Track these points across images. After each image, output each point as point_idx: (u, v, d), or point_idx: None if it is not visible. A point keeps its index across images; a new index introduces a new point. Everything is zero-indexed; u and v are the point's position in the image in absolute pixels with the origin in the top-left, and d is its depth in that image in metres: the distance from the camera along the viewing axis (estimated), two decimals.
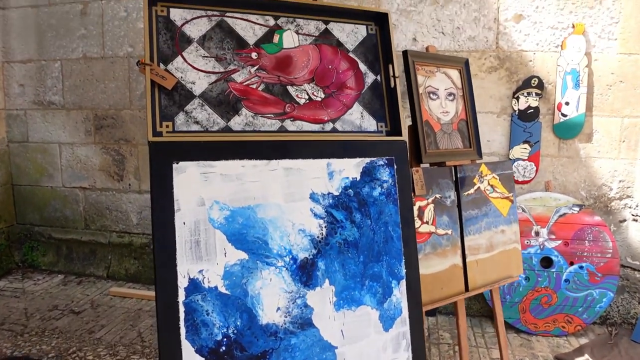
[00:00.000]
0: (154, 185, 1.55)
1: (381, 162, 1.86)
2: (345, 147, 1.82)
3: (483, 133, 4.03)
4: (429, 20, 3.96)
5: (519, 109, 3.96)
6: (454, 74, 2.41)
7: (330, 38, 1.94)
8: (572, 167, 4.05)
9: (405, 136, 2.19)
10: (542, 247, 3.95)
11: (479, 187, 2.39)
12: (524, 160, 4.02)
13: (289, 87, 1.83)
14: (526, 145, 4.00)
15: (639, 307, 4.04)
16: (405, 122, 1.96)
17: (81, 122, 4.78)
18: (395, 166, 1.88)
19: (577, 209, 3.98)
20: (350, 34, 1.97)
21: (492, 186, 2.44)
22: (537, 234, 3.98)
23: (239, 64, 1.78)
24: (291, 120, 1.81)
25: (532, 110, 3.96)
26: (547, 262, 3.96)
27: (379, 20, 1.99)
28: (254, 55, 1.80)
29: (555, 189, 4.07)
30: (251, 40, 1.81)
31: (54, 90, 4.83)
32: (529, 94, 3.94)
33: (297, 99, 1.84)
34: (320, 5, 1.95)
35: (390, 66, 1.94)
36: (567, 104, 3.92)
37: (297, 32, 1.88)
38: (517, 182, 4.06)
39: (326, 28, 1.94)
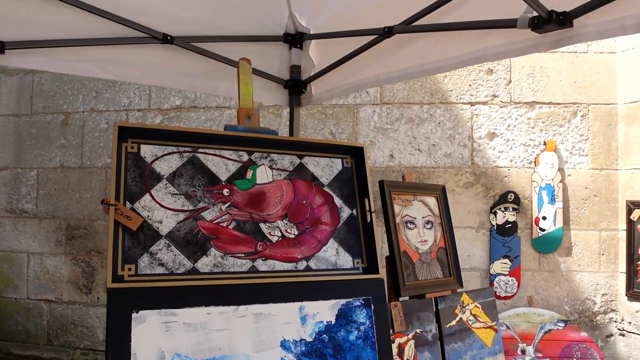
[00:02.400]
0: (110, 338, 1.43)
1: (357, 303, 1.77)
2: (320, 288, 1.74)
3: (462, 248, 3.99)
4: (406, 137, 4.03)
5: (497, 224, 3.96)
6: (431, 201, 2.40)
7: (305, 172, 1.91)
8: (553, 281, 4.00)
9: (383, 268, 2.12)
10: None
11: (461, 318, 2.29)
12: (505, 275, 3.95)
13: (262, 224, 1.78)
14: (506, 260, 3.95)
15: None
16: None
17: (52, 232, 4.64)
18: (372, 306, 1.79)
19: (562, 324, 3.87)
20: (325, 168, 1.95)
21: (474, 316, 2.35)
22: (523, 352, 3.83)
23: (210, 201, 1.73)
24: (263, 260, 1.73)
25: (510, 225, 3.95)
26: None
27: (354, 154, 1.99)
28: (225, 191, 1.76)
29: (539, 303, 3.98)
30: (223, 176, 1.78)
31: (27, 198, 4.74)
32: (506, 208, 3.95)
33: (270, 237, 1.77)
34: (295, 140, 1.95)
35: (366, 200, 1.90)
36: (544, 218, 3.93)
37: (271, 167, 1.86)
38: (499, 297, 3.97)
39: (301, 162, 1.92)
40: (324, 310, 1.72)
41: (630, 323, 3.94)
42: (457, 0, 1.75)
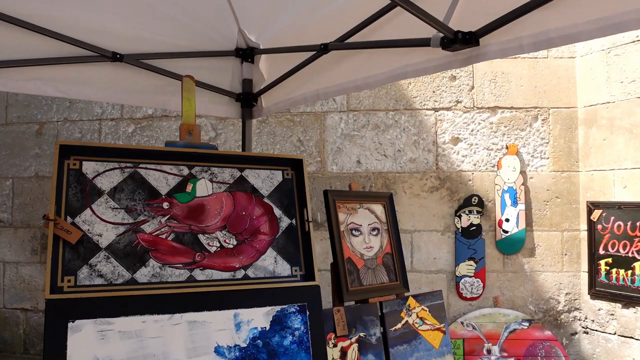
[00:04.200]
0: (47, 347, 1.51)
1: (293, 309, 1.86)
2: (255, 295, 1.82)
3: (429, 251, 4.08)
4: (372, 144, 4.12)
5: (461, 227, 4.05)
6: (378, 208, 2.48)
7: (245, 185, 1.99)
8: (518, 281, 4.09)
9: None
10: None
11: (407, 321, 2.37)
12: (470, 277, 4.05)
13: (200, 236, 1.86)
14: (471, 262, 4.05)
15: None
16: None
17: (28, 241, 4.71)
18: (308, 312, 1.87)
19: (526, 324, 3.97)
20: (265, 180, 2.03)
21: (421, 318, 2.43)
22: (488, 351, 3.93)
23: (150, 215, 1.81)
24: (200, 270, 1.81)
25: (474, 228, 4.05)
26: None
27: (295, 166, 2.07)
28: (165, 205, 1.84)
29: (504, 304, 4.07)
30: (164, 190, 1.86)
31: (2, 207, 4.80)
32: (470, 212, 4.05)
33: (208, 247, 1.85)
34: (236, 154, 2.03)
35: (305, 210, 1.98)
36: (507, 220, 4.03)
37: (211, 181, 1.94)
38: (465, 298, 4.06)
39: (241, 175, 2.00)
40: (259, 317, 1.80)
41: (593, 321, 4.04)
42: (382, 20, 1.84)
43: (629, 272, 3.77)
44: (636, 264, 3.73)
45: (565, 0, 1.35)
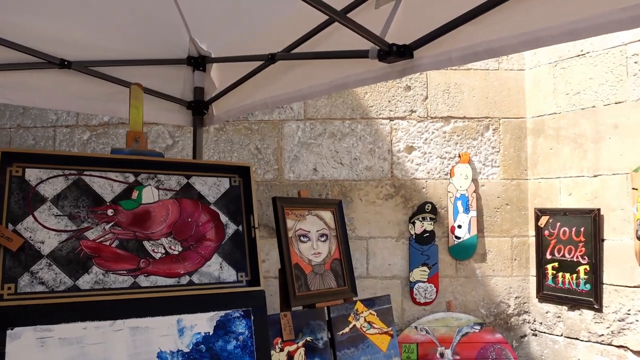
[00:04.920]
0: None
1: (237, 314, 1.89)
2: (199, 301, 1.84)
3: (384, 257, 4.16)
4: (328, 152, 4.18)
5: (415, 233, 4.14)
6: (327, 215, 2.54)
7: (192, 192, 2.02)
8: (470, 286, 4.20)
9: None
10: None
11: (354, 325, 2.43)
12: (424, 282, 4.14)
13: (145, 242, 1.87)
14: (425, 268, 4.14)
15: None
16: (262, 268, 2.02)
17: None
18: (252, 317, 1.91)
19: (478, 327, 4.08)
20: (212, 187, 2.06)
21: (369, 322, 2.49)
22: (441, 355, 4.01)
23: (94, 222, 1.82)
24: (145, 276, 1.83)
25: (428, 234, 4.14)
26: None
27: (242, 173, 2.10)
28: (109, 212, 1.85)
29: (457, 308, 4.17)
30: (108, 197, 1.87)
31: None
32: (424, 218, 4.14)
33: (153, 254, 1.87)
34: (183, 162, 2.05)
35: (252, 217, 2.02)
36: (459, 227, 4.14)
37: (157, 188, 1.96)
38: (419, 303, 4.15)
39: (188, 182, 2.02)
40: (203, 322, 1.83)
41: (541, 323, 4.17)
42: (326, 32, 1.90)
43: (574, 275, 3.92)
44: (580, 268, 3.88)
45: (490, 17, 1.43)
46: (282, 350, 2.14)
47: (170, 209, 1.95)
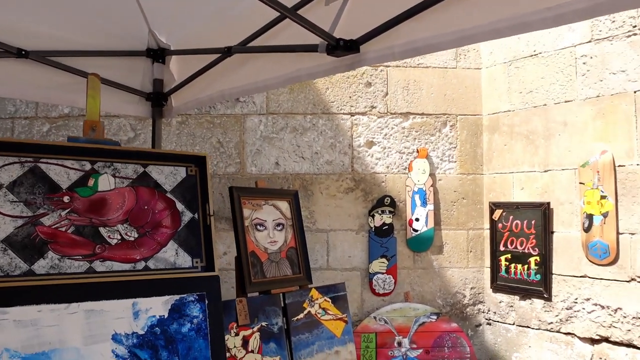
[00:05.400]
0: None
1: (191, 298, 1.95)
2: (154, 285, 1.90)
3: (344, 249, 4.25)
4: (290, 146, 4.26)
5: (375, 226, 4.25)
6: (284, 205, 2.61)
7: (148, 180, 2.07)
8: (427, 277, 4.33)
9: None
10: (405, 357, 4.10)
11: (309, 311, 2.51)
12: (383, 273, 4.25)
13: (101, 229, 1.91)
14: (384, 260, 4.25)
15: None
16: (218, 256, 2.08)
17: None
18: (206, 301, 1.97)
19: (435, 317, 4.22)
20: (169, 176, 2.11)
21: (324, 309, 2.57)
22: (399, 344, 4.14)
23: (50, 208, 1.85)
24: (101, 261, 1.87)
25: (387, 227, 4.26)
26: None
27: (198, 163, 2.16)
28: (65, 199, 1.88)
29: (414, 299, 4.30)
30: (64, 184, 1.90)
31: None
32: (383, 211, 4.25)
33: (109, 240, 1.91)
34: (139, 151, 2.09)
35: (207, 205, 2.08)
36: (417, 220, 4.26)
37: (114, 176, 2.00)
38: (378, 294, 4.26)
39: (144, 171, 2.07)
40: (158, 306, 1.88)
41: (495, 313, 4.33)
42: (280, 26, 1.98)
43: (525, 266, 4.09)
44: (531, 259, 4.05)
45: (428, 15, 1.52)
46: (237, 334, 2.21)
47: (127, 197, 2.00)
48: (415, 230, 4.26)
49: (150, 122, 4.14)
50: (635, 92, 3.62)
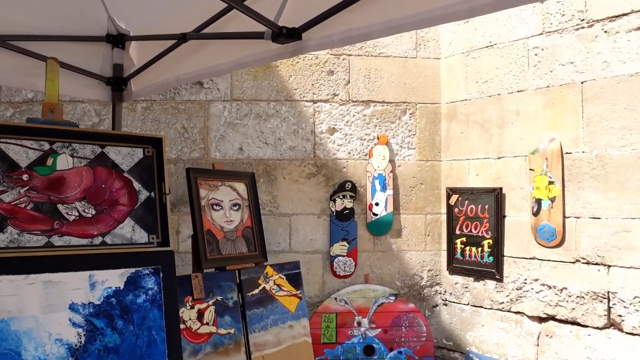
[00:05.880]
0: None
1: (147, 272, 2.06)
2: (111, 259, 2.00)
3: (306, 233, 4.39)
4: (254, 132, 4.37)
5: (336, 210, 4.40)
6: (240, 186, 2.73)
7: (106, 160, 2.16)
8: (386, 260, 4.50)
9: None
10: (364, 336, 4.27)
11: (264, 287, 2.64)
12: (343, 256, 4.40)
13: (59, 206, 2.01)
14: (344, 243, 4.40)
15: None
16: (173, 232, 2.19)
17: None
18: (161, 274, 2.08)
19: (393, 298, 4.39)
20: (126, 156, 2.21)
21: (278, 285, 2.71)
22: (359, 324, 4.30)
23: (9, 186, 1.93)
24: (59, 236, 1.97)
25: (347, 211, 4.41)
26: (369, 350, 4.26)
27: (155, 144, 2.26)
28: (25, 177, 1.97)
29: (374, 280, 4.47)
30: (24, 163, 1.98)
31: None
32: (344, 196, 4.40)
33: (67, 216, 2.01)
34: (97, 132, 2.19)
35: (163, 184, 2.18)
36: (377, 204, 4.42)
37: (72, 156, 2.09)
38: (339, 276, 4.42)
39: (102, 152, 2.16)
40: (114, 278, 1.99)
41: (451, 294, 4.53)
42: (231, 14, 2.09)
43: (479, 249, 4.28)
44: (485, 242, 4.24)
45: (362, 5, 1.65)
46: (192, 307, 2.33)
47: (85, 176, 2.09)
48: (375, 215, 4.42)
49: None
50: (582, 82, 3.81)
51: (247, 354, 2.49)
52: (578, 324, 3.79)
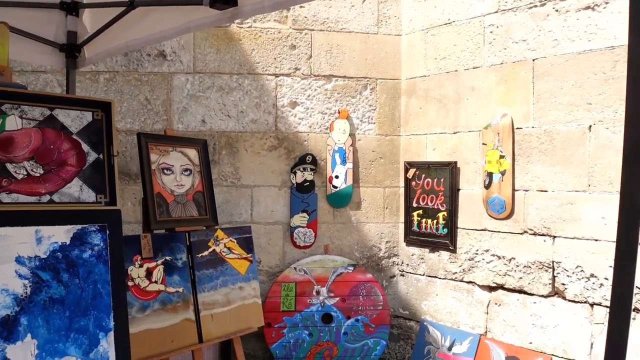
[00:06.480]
0: None
1: (93, 229, 2.15)
2: (57, 215, 2.09)
3: (267, 204, 4.50)
4: (216, 104, 4.44)
5: (296, 182, 4.51)
6: (192, 152, 2.82)
7: (55, 122, 2.23)
8: (346, 231, 4.64)
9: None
10: (322, 304, 4.42)
11: (214, 250, 2.75)
12: (303, 227, 4.53)
13: (8, 165, 2.08)
14: (304, 214, 4.53)
15: (411, 351, 4.60)
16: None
17: None
18: (107, 232, 2.18)
19: (351, 268, 4.54)
20: (75, 119, 2.28)
21: (229, 248, 2.82)
22: (318, 293, 4.44)
23: None
24: (7, 194, 2.04)
25: (308, 183, 4.52)
26: (327, 318, 4.41)
27: (104, 108, 2.34)
28: None
29: (333, 251, 4.61)
30: None
31: None
32: (304, 169, 4.51)
33: (15, 175, 2.08)
34: (46, 95, 2.26)
35: (112, 147, 2.26)
36: (336, 177, 4.54)
37: (21, 117, 2.16)
38: (299, 247, 4.55)
39: (51, 114, 2.23)
40: (60, 233, 2.08)
41: (407, 265, 4.69)
42: None
43: (435, 221, 4.44)
44: (440, 215, 4.40)
45: None
46: (141, 266, 2.43)
47: (33, 137, 2.16)
48: (335, 187, 4.54)
49: (78, 80, 4.25)
50: (533, 60, 3.95)
51: (196, 312, 2.60)
52: (525, 293, 3.98)
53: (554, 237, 3.81)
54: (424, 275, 4.61)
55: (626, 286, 1.15)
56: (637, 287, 3.39)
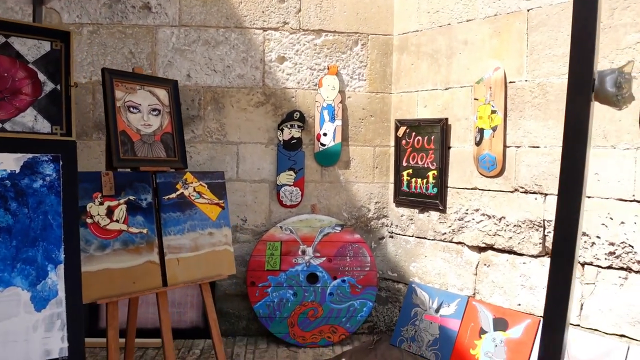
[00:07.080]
0: None
1: (45, 158, 2.07)
2: (7, 143, 2.01)
3: (253, 162, 4.42)
4: (202, 59, 4.33)
5: (283, 140, 4.41)
6: (162, 93, 2.73)
7: (10, 50, 2.15)
8: (334, 191, 4.55)
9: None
10: (308, 264, 4.35)
11: (182, 193, 2.67)
12: (290, 185, 4.44)
13: None
14: (291, 172, 4.44)
15: (399, 314, 4.53)
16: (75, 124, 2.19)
17: None
18: (61, 162, 2.10)
19: (339, 228, 4.46)
20: (32, 48, 2.20)
21: (198, 192, 2.74)
22: (303, 252, 4.38)
23: None
24: None
25: (295, 141, 4.42)
26: (313, 278, 4.35)
27: (63, 38, 2.25)
28: None
29: (321, 211, 4.52)
30: None
31: None
32: (292, 126, 4.41)
33: None
34: (1, 21, 2.16)
35: (69, 77, 2.18)
36: (325, 135, 4.44)
37: None
38: (285, 206, 4.47)
39: (6, 41, 2.15)
40: (9, 161, 2.00)
41: (397, 226, 4.60)
42: None
43: (424, 180, 4.33)
44: (430, 174, 4.29)
45: None
46: (102, 204, 2.36)
47: None
48: (323, 145, 4.44)
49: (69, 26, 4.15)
50: (528, 10, 3.79)
51: (161, 255, 2.53)
52: (514, 253, 3.88)
53: (546, 194, 3.69)
54: (413, 236, 4.52)
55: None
56: (626, 244, 3.28)
